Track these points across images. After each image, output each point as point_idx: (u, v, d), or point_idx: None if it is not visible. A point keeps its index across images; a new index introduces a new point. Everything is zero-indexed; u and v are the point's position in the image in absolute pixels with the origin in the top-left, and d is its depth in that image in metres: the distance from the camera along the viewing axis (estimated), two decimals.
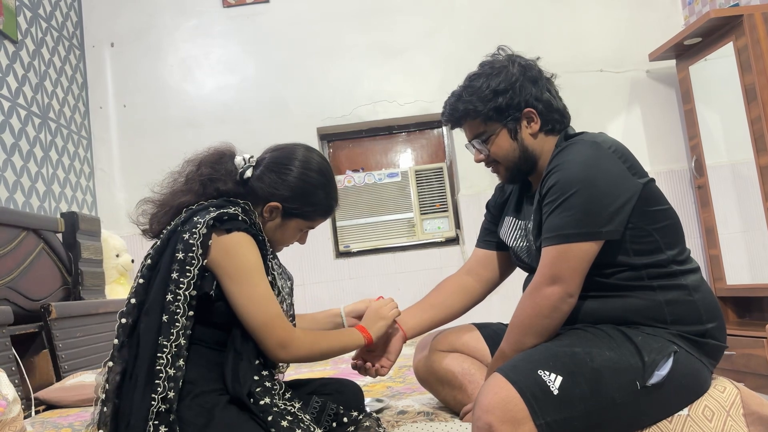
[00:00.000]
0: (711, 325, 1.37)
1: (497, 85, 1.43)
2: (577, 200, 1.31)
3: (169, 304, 1.25)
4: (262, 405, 1.27)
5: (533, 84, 1.45)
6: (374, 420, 1.41)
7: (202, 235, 1.27)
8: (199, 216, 1.31)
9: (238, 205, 1.37)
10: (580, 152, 1.36)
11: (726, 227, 3.38)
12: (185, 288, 1.26)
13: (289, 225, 1.44)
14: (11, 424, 1.55)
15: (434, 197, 3.93)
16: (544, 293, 1.33)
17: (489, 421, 1.20)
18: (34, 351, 2.37)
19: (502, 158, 1.48)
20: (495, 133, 1.46)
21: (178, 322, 1.25)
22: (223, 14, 3.99)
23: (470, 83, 1.47)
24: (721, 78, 3.28)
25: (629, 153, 1.39)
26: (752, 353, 2.91)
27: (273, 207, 1.41)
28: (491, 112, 1.44)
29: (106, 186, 3.87)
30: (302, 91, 3.92)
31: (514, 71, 1.45)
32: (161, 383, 1.21)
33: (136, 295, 1.31)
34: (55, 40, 3.58)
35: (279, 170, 1.41)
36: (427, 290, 1.69)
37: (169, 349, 1.23)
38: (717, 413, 1.34)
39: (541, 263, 1.35)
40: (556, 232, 1.32)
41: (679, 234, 1.42)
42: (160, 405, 1.20)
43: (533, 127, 1.46)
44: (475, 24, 3.91)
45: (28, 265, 2.47)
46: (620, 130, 3.88)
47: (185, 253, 1.27)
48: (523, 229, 1.53)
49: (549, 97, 1.47)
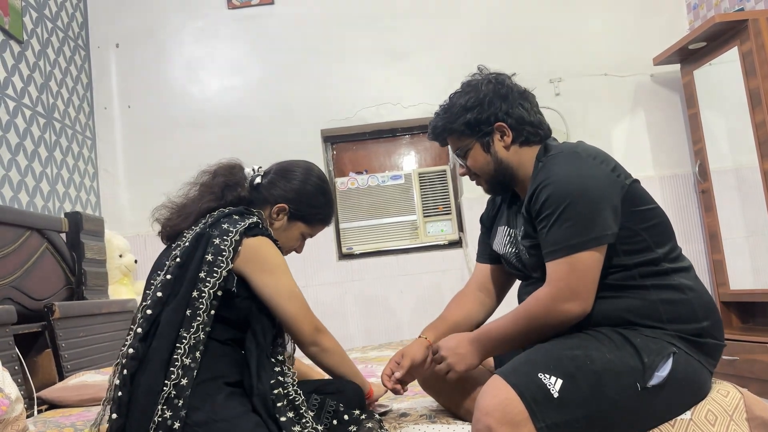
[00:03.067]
0: (707, 323, 1.38)
1: (466, 102, 1.51)
2: (573, 211, 1.33)
3: (195, 300, 1.36)
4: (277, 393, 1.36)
5: (503, 100, 1.50)
6: (376, 421, 1.42)
7: (234, 242, 1.41)
8: (228, 223, 1.44)
9: (253, 214, 1.51)
10: (564, 164, 1.40)
11: (730, 232, 3.37)
12: (211, 287, 1.37)
13: (293, 228, 1.61)
14: (14, 423, 1.55)
15: (437, 200, 3.93)
16: (562, 309, 1.33)
17: (488, 424, 1.21)
18: (37, 350, 2.37)
19: (479, 171, 1.55)
20: (470, 148, 1.53)
21: (200, 317, 1.35)
22: (228, 16, 4.00)
23: (446, 103, 1.57)
24: (726, 82, 3.28)
25: (609, 157, 1.44)
26: (756, 358, 2.90)
27: (280, 208, 1.58)
28: (462, 127, 1.52)
29: (110, 186, 3.88)
30: (306, 93, 3.93)
31: (483, 89, 1.52)
32: (176, 371, 1.30)
33: (163, 289, 1.40)
34: (60, 40, 3.59)
35: (285, 175, 1.61)
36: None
37: (188, 340, 1.33)
38: (720, 417, 1.34)
39: (553, 277, 1.35)
40: (562, 244, 1.33)
41: (669, 232, 1.44)
42: (171, 390, 1.28)
43: (506, 140, 1.51)
44: (480, 28, 3.91)
45: (31, 264, 2.47)
46: (624, 134, 3.88)
47: (215, 255, 1.39)
48: (512, 236, 1.56)
49: (521, 112, 1.51)
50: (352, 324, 3.76)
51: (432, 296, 3.67)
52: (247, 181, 1.60)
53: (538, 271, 1.47)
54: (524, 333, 1.39)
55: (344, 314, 3.76)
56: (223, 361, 1.40)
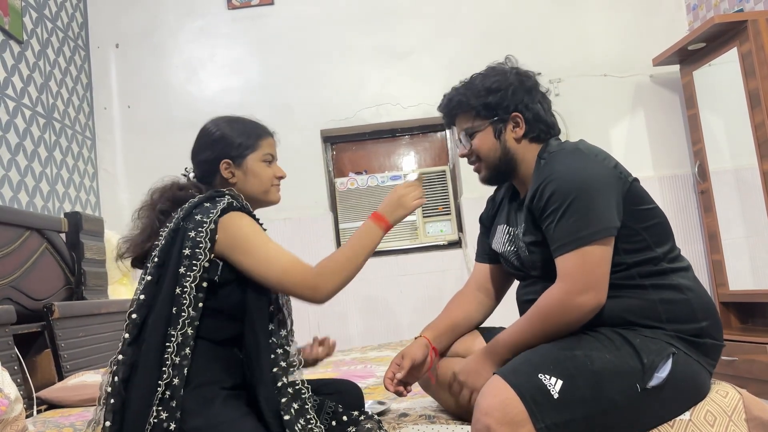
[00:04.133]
0: (706, 323, 1.38)
1: (491, 84, 1.50)
2: (579, 204, 1.33)
3: (178, 297, 1.32)
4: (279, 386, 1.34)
5: (527, 93, 1.51)
6: (375, 422, 1.42)
7: (209, 231, 1.36)
8: (200, 213, 1.39)
9: (223, 194, 1.45)
10: (567, 160, 1.41)
11: (729, 233, 3.38)
12: (192, 280, 1.33)
13: (249, 166, 1.53)
14: (13, 423, 1.55)
15: (437, 200, 3.93)
16: (577, 302, 1.32)
17: (488, 424, 1.21)
18: (36, 350, 2.37)
19: (483, 155, 1.54)
20: (480, 129, 1.52)
21: (185, 312, 1.31)
22: (227, 16, 4.00)
23: (469, 80, 1.56)
24: (725, 83, 3.28)
25: (610, 156, 1.45)
26: (755, 359, 2.90)
27: (225, 165, 1.51)
28: (480, 107, 1.51)
29: (110, 186, 3.88)
30: (306, 93, 3.93)
31: (510, 77, 1.52)
32: (167, 370, 1.27)
33: (145, 291, 1.37)
34: (60, 40, 3.59)
35: (201, 140, 1.58)
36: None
37: (176, 338, 1.29)
38: (719, 418, 1.34)
39: (565, 271, 1.34)
40: (571, 238, 1.34)
41: (668, 233, 1.45)
42: (165, 391, 1.25)
43: (518, 132, 1.51)
44: (480, 28, 3.91)
45: (31, 264, 2.47)
46: (624, 134, 3.88)
47: (193, 249, 1.34)
48: (511, 235, 1.56)
49: (539, 109, 1.52)
50: (351, 324, 3.76)
51: (431, 296, 3.68)
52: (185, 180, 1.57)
53: (537, 270, 1.48)
54: (540, 332, 1.37)
55: (344, 314, 3.76)
56: (219, 364, 1.37)
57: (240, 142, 1.52)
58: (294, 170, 3.85)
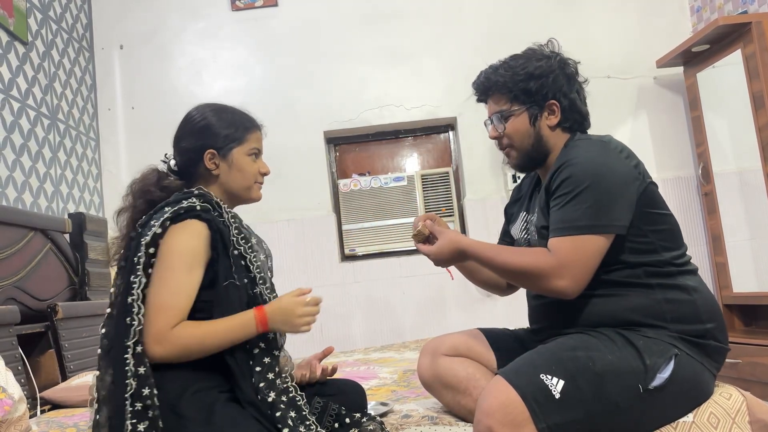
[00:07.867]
0: (711, 325, 1.38)
1: (534, 70, 1.48)
2: (589, 194, 1.33)
3: (130, 306, 1.27)
4: (270, 402, 1.29)
5: (567, 80, 1.50)
6: (378, 423, 1.41)
7: (154, 235, 1.31)
8: (155, 218, 1.35)
9: (191, 195, 1.40)
10: (590, 149, 1.40)
11: (733, 235, 3.37)
12: (138, 286, 1.28)
13: (234, 159, 1.47)
14: (17, 422, 1.55)
15: (440, 202, 3.93)
16: (551, 282, 1.33)
17: (489, 425, 1.21)
18: (40, 350, 2.37)
19: (516, 141, 1.52)
20: (516, 114, 1.50)
21: (135, 320, 1.26)
22: (231, 17, 4.01)
23: (510, 61, 1.53)
24: (729, 85, 3.28)
25: (634, 154, 1.44)
26: (758, 361, 2.90)
27: (209, 155, 1.45)
28: (519, 92, 1.49)
29: (114, 187, 3.89)
30: (309, 94, 3.93)
31: (553, 63, 1.50)
32: (130, 382, 1.22)
33: (110, 305, 1.34)
34: (64, 41, 3.60)
35: (181, 136, 1.51)
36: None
37: (133, 349, 1.24)
38: (722, 420, 1.34)
39: (556, 251, 1.34)
40: (570, 224, 1.33)
41: (678, 240, 1.44)
42: (134, 403, 1.21)
43: (552, 119, 1.50)
44: (483, 29, 3.91)
45: (35, 265, 2.48)
46: (627, 136, 3.87)
47: (137, 255, 1.31)
48: (527, 222, 1.56)
49: (576, 98, 1.51)
50: (354, 325, 3.76)
51: (434, 298, 3.67)
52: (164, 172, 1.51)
53: None
54: (507, 272, 1.41)
55: (346, 316, 3.76)
56: (216, 368, 1.33)
57: (227, 134, 1.47)
58: (297, 171, 3.89)
